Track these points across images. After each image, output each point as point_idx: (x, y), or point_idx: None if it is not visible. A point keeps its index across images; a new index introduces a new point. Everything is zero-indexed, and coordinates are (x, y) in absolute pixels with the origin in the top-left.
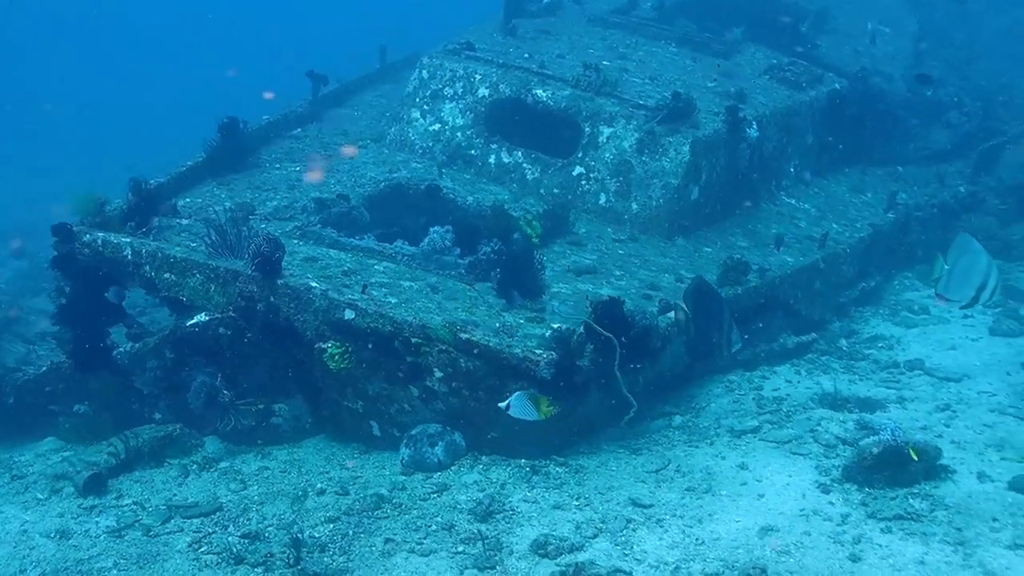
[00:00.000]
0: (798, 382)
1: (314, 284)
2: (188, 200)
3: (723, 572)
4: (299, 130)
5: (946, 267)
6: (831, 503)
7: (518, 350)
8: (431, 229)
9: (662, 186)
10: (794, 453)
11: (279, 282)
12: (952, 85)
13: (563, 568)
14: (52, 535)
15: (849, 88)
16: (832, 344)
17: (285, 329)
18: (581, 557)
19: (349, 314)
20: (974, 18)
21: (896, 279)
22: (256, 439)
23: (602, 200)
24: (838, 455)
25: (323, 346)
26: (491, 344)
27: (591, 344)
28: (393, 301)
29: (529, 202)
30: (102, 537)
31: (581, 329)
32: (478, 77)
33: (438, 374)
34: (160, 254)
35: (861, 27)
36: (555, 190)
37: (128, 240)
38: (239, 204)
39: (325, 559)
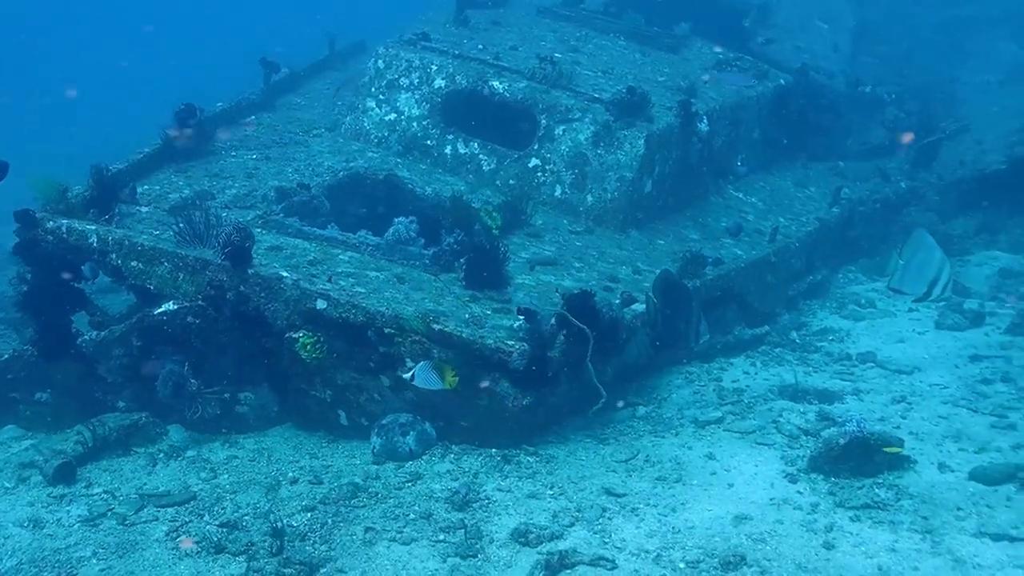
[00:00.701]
0: (755, 373)
1: (285, 274)
2: (147, 187)
3: (703, 560)
4: (253, 117)
5: (901, 262)
6: (799, 492)
7: (491, 341)
8: (395, 220)
9: (617, 179)
10: (759, 443)
11: (250, 272)
12: (890, 82)
13: (545, 556)
14: (25, 524)
15: (793, 84)
16: (784, 336)
17: (255, 318)
18: (562, 545)
19: (321, 304)
20: (910, 14)
21: (840, 272)
22: (220, 428)
23: (558, 192)
24: (801, 445)
25: (295, 336)
26: (464, 335)
27: (562, 335)
28: (361, 291)
29: (486, 193)
30: (76, 526)
31: (552, 321)
32: (434, 68)
33: (409, 364)
34: (127, 242)
35: (801, 23)
36: (511, 181)
37: (94, 228)
38: (198, 192)
39: (307, 548)
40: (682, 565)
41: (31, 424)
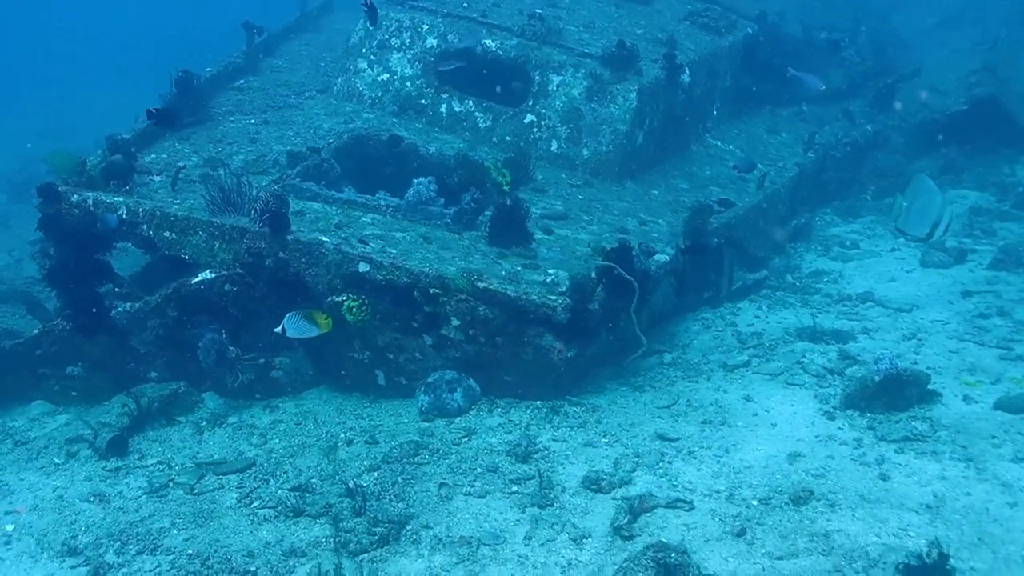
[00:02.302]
0: (765, 317)
1: (325, 239)
2: (153, 156)
3: (773, 496)
4: (242, 81)
5: (904, 204)
6: (840, 428)
7: (535, 296)
8: (415, 180)
9: (611, 132)
10: (789, 384)
11: (289, 238)
12: (842, 28)
13: (619, 501)
14: (91, 499)
15: (759, 31)
16: (781, 280)
17: (294, 284)
18: (633, 491)
19: (364, 267)
20: None
21: (817, 216)
22: (255, 393)
23: (554, 147)
24: (830, 384)
25: (339, 299)
26: (508, 292)
27: (605, 288)
28: (393, 252)
29: (483, 150)
30: (143, 498)
31: (593, 274)
32: (425, 27)
33: (455, 322)
34: (159, 213)
35: None
36: (507, 138)
37: (122, 199)
38: (207, 159)
39: (386, 506)
40: (755, 503)
41: (61, 399)
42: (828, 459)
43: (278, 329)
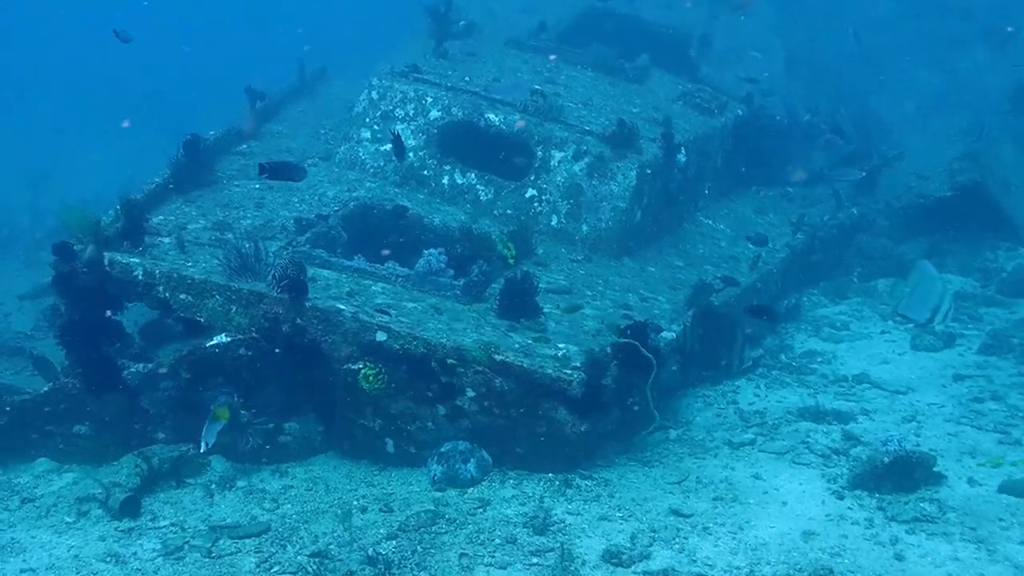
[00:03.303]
0: (765, 396)
1: (342, 306)
2: (161, 218)
3: (793, 574)
4: (245, 146)
5: (907, 290)
6: (850, 508)
7: (550, 370)
8: (425, 252)
9: (611, 209)
10: (796, 463)
11: (307, 304)
12: (825, 111)
13: (639, 575)
14: (107, 559)
15: (748, 113)
16: (775, 359)
17: (308, 350)
18: (653, 566)
19: (381, 336)
20: (830, 44)
21: (804, 296)
22: (262, 458)
23: (554, 222)
24: (835, 464)
25: (355, 367)
26: (524, 365)
27: (620, 363)
28: (406, 321)
29: (485, 222)
30: (159, 560)
31: (609, 350)
32: (429, 100)
33: (470, 393)
34: (176, 275)
35: (738, 53)
36: (508, 211)
37: (138, 261)
38: (215, 223)
39: (407, 575)
40: None
41: (65, 456)
42: (842, 538)
43: (203, 449)
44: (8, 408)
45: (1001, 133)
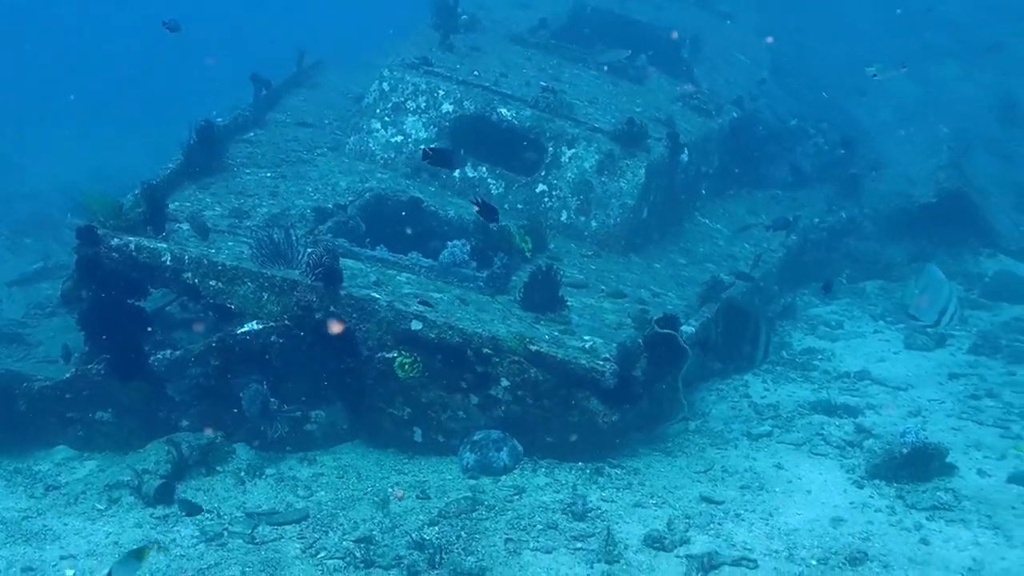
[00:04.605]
0: (775, 390)
1: (377, 295)
2: (176, 204)
3: (830, 557)
4: (252, 134)
5: (916, 293)
6: (871, 497)
7: (584, 361)
8: (449, 243)
9: (620, 206)
10: (814, 454)
11: (341, 293)
12: (810, 116)
13: (683, 559)
14: (148, 546)
15: (741, 115)
16: (776, 355)
17: (340, 338)
18: (694, 549)
19: (416, 325)
20: (816, 51)
21: (796, 296)
22: (286, 446)
23: (564, 217)
24: (851, 455)
25: (391, 355)
26: (559, 355)
27: (651, 355)
28: (438, 311)
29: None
30: (200, 547)
31: (640, 340)
32: (441, 92)
33: (504, 383)
34: (206, 261)
35: (725, 56)
36: (519, 206)
37: (166, 246)
38: (232, 210)
39: (456, 559)
40: (814, 562)
41: (85, 444)
42: (868, 524)
43: None
44: (30, 394)
45: (976, 142)
